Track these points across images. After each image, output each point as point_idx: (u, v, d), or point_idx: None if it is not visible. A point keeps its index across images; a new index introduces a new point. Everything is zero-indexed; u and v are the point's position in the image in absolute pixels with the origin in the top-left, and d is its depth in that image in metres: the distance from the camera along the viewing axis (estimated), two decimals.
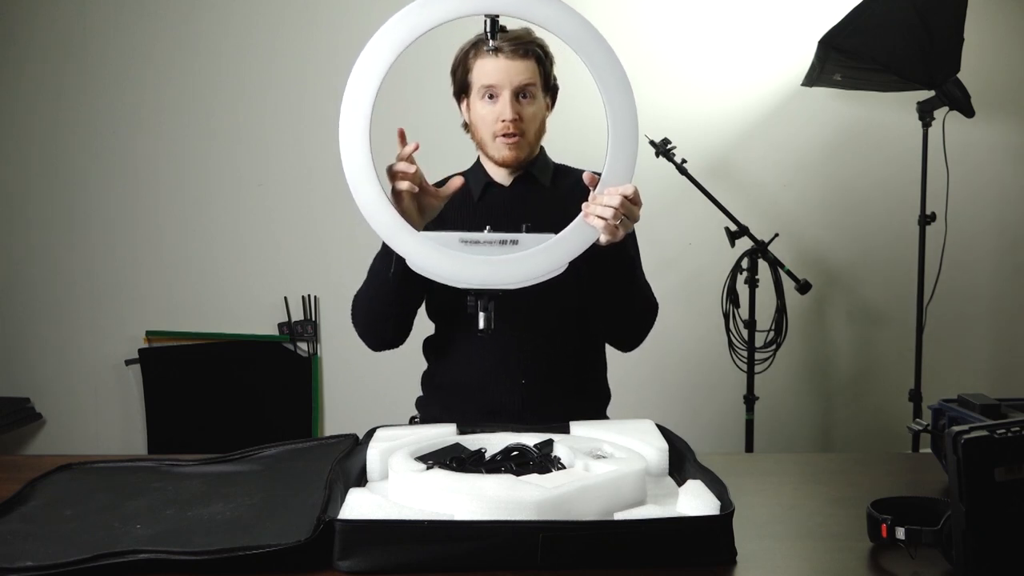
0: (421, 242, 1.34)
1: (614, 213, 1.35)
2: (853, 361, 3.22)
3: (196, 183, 3.19)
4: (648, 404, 3.04)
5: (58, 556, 1.02)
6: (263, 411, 3.20)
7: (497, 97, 1.63)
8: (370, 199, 1.33)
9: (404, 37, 1.31)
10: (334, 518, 1.03)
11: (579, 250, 1.37)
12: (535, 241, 1.35)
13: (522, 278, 1.35)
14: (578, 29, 1.33)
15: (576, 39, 1.33)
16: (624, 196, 1.34)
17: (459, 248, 1.34)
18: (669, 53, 3.13)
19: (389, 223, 1.34)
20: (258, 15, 3.15)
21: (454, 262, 1.33)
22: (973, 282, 3.19)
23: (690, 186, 2.76)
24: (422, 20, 1.31)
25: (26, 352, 3.25)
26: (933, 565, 1.04)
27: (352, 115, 1.32)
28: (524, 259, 1.34)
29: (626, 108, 1.34)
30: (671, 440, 1.36)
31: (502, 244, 1.34)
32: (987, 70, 3.04)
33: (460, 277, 1.34)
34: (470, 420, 1.46)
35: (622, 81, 1.34)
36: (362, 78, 1.32)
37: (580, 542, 1.02)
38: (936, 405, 1.41)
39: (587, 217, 1.37)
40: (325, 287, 3.17)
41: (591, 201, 1.36)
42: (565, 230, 1.37)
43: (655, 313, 1.71)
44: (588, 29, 1.33)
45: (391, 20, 1.31)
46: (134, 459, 1.45)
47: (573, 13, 1.33)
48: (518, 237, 1.35)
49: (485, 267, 1.34)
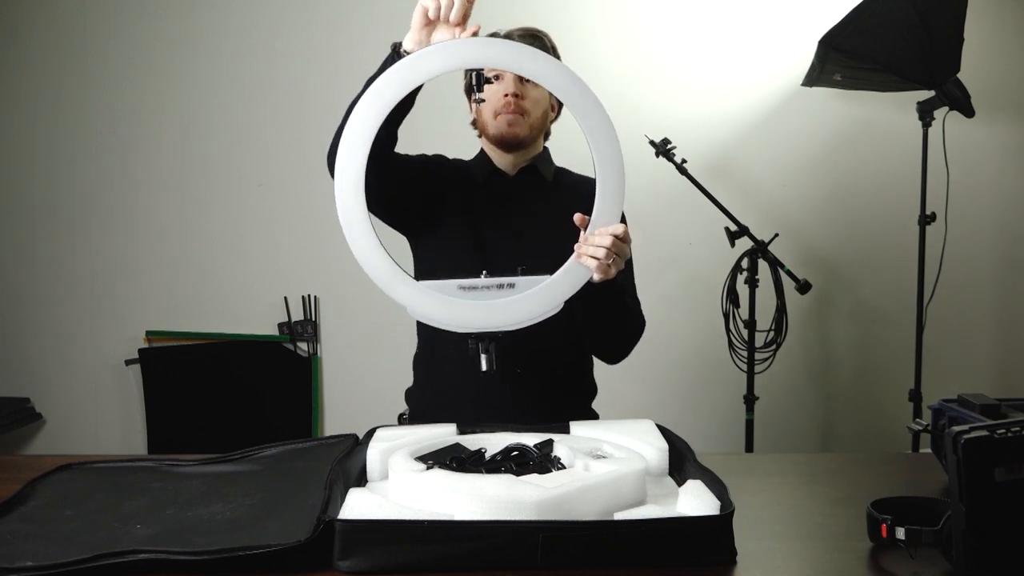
0: (420, 291, 1.37)
1: (606, 253, 1.38)
2: (853, 361, 3.22)
3: (196, 183, 3.19)
4: (648, 404, 3.04)
5: (58, 556, 1.02)
6: (263, 411, 3.20)
7: (502, 78, 1.67)
8: (366, 250, 1.35)
9: (396, 91, 1.34)
10: (334, 518, 1.03)
11: (573, 290, 1.41)
12: (530, 283, 1.39)
13: (519, 320, 1.39)
14: (567, 81, 1.37)
15: (565, 91, 1.37)
16: (615, 236, 1.38)
17: (457, 294, 1.37)
18: (669, 53, 3.13)
19: (387, 271, 1.36)
20: (258, 15, 3.15)
21: (453, 308, 1.37)
22: (973, 282, 3.19)
23: (690, 186, 2.76)
24: (411, 76, 1.33)
25: (26, 352, 3.25)
26: (933, 565, 1.04)
27: (347, 167, 1.34)
28: (520, 301, 1.38)
29: (614, 156, 1.38)
30: (671, 440, 1.36)
31: (499, 288, 1.38)
32: (987, 70, 3.04)
33: (459, 322, 1.38)
34: (464, 418, 1.46)
35: (609, 131, 1.38)
36: (356, 134, 1.34)
37: (580, 542, 1.02)
38: (936, 405, 1.41)
39: (580, 257, 1.40)
40: (325, 287, 3.17)
41: (583, 242, 1.40)
42: (559, 271, 1.40)
43: (642, 331, 1.74)
44: (576, 82, 1.37)
45: (383, 77, 1.34)
46: (134, 459, 1.45)
47: (561, 66, 1.37)
48: (514, 280, 1.38)
49: (483, 311, 1.38)
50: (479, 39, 1.37)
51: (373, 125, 1.33)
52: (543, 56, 1.36)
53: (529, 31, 1.71)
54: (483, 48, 1.36)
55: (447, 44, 1.34)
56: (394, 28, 3.41)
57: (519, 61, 1.35)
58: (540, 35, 1.72)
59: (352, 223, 1.34)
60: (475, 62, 1.37)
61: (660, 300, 3.07)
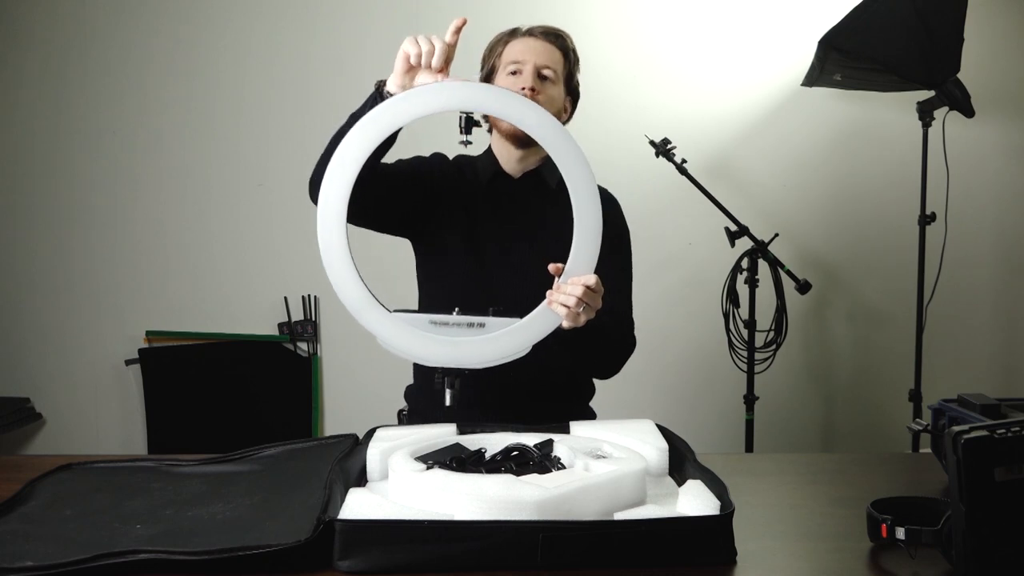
0: (391, 321, 1.39)
1: (576, 302, 1.40)
2: (853, 361, 3.22)
3: (196, 183, 3.19)
4: (648, 404, 3.04)
5: (58, 556, 1.02)
6: (263, 411, 3.20)
7: (520, 72, 1.69)
8: (341, 276, 1.40)
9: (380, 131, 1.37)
10: (334, 518, 1.03)
11: (543, 334, 1.43)
12: (501, 325, 1.41)
13: (487, 359, 1.41)
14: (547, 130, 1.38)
15: (547, 139, 1.38)
16: (586, 286, 1.40)
17: (427, 328, 1.40)
18: (669, 53, 3.13)
19: (360, 299, 1.39)
20: (258, 15, 3.15)
21: (422, 342, 1.40)
22: (973, 282, 3.19)
23: (690, 186, 2.76)
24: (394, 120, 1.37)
25: (26, 352, 3.25)
26: (933, 565, 1.04)
27: (329, 199, 1.38)
28: (489, 341, 1.40)
29: (592, 208, 1.39)
30: (671, 440, 1.36)
31: (469, 327, 1.40)
32: (987, 70, 3.04)
33: (427, 356, 1.40)
34: (462, 416, 1.47)
35: (589, 183, 1.39)
36: (339, 168, 1.37)
37: (580, 542, 1.02)
38: (936, 405, 1.41)
39: (551, 304, 1.42)
40: (325, 287, 3.12)
41: (555, 290, 1.42)
42: (529, 315, 1.42)
43: (630, 352, 1.76)
44: (558, 130, 1.38)
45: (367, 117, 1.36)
46: (134, 459, 1.45)
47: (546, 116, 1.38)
48: (485, 320, 1.40)
49: (451, 347, 1.40)
50: (464, 83, 1.38)
51: (356, 161, 1.37)
52: (529, 105, 1.38)
53: (552, 30, 1.73)
54: (469, 92, 1.38)
55: (432, 88, 1.37)
56: (394, 28, 3.42)
57: (504, 106, 1.39)
58: (562, 35, 1.74)
59: (331, 252, 1.40)
60: (460, 105, 1.40)
61: (660, 300, 3.07)
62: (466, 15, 1.45)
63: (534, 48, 1.69)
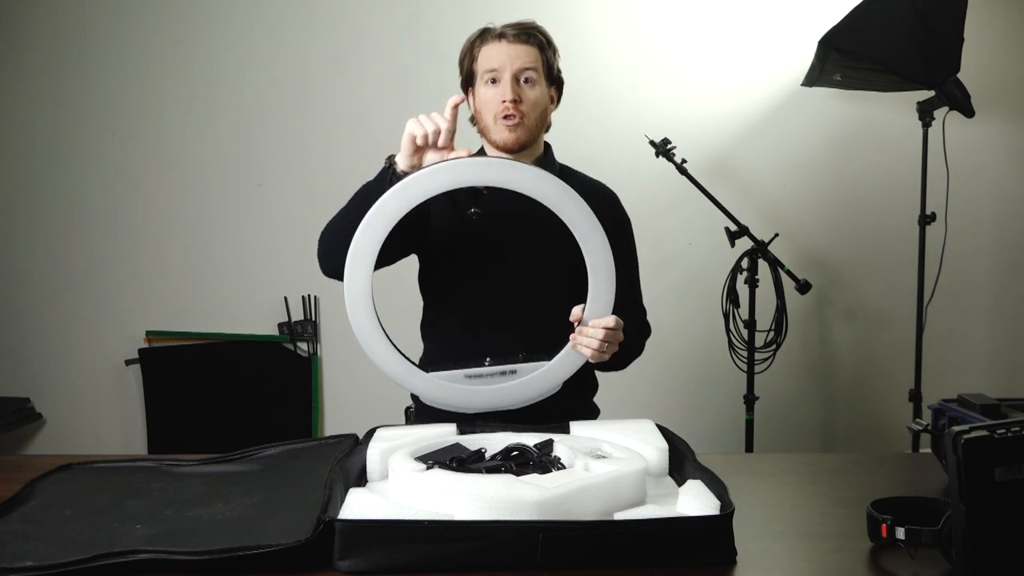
0: (431, 381, 1.52)
1: (599, 344, 1.51)
2: (853, 361, 3.22)
3: (196, 183, 3.19)
4: (648, 404, 3.04)
5: (58, 556, 1.02)
6: (263, 411, 3.20)
7: (499, 80, 1.67)
8: (381, 356, 1.49)
9: (397, 209, 1.43)
10: (334, 518, 1.03)
11: (570, 373, 1.55)
12: (531, 369, 1.53)
13: (522, 401, 1.54)
14: (561, 198, 1.45)
15: (556, 204, 1.45)
16: (607, 328, 1.51)
17: (463, 382, 1.51)
18: (669, 53, 3.13)
19: (402, 370, 1.51)
20: (258, 15, 3.15)
21: (461, 394, 1.52)
22: (973, 282, 3.19)
23: (690, 186, 2.75)
24: (411, 196, 1.43)
25: (26, 352, 3.25)
26: (933, 565, 1.04)
27: (354, 282, 1.44)
28: (522, 385, 1.53)
29: (606, 262, 1.48)
30: (671, 440, 1.36)
31: (502, 375, 1.52)
32: (987, 70, 3.04)
33: (468, 406, 1.53)
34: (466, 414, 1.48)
35: (599, 236, 1.46)
36: (360, 252, 1.43)
37: (580, 542, 1.02)
38: (936, 405, 1.41)
39: (575, 346, 1.52)
40: (325, 287, 3.16)
41: (578, 333, 1.52)
42: (557, 357, 1.53)
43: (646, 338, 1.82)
44: (565, 193, 1.45)
45: (384, 198, 1.42)
46: (134, 459, 1.45)
47: (553, 180, 1.45)
48: (516, 367, 1.52)
49: (488, 395, 1.52)
50: (474, 160, 1.46)
51: (377, 241, 1.43)
52: (539, 173, 1.45)
53: (524, 27, 1.70)
54: (480, 169, 1.46)
55: (445, 166, 1.43)
56: (394, 28, 3.42)
57: (511, 177, 1.44)
58: (534, 31, 1.70)
59: (365, 333, 1.47)
60: (472, 181, 1.46)
61: (660, 300, 3.05)
62: (465, 15, 1.46)
63: (509, 53, 1.66)
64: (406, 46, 3.10)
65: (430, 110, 1.54)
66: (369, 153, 3.14)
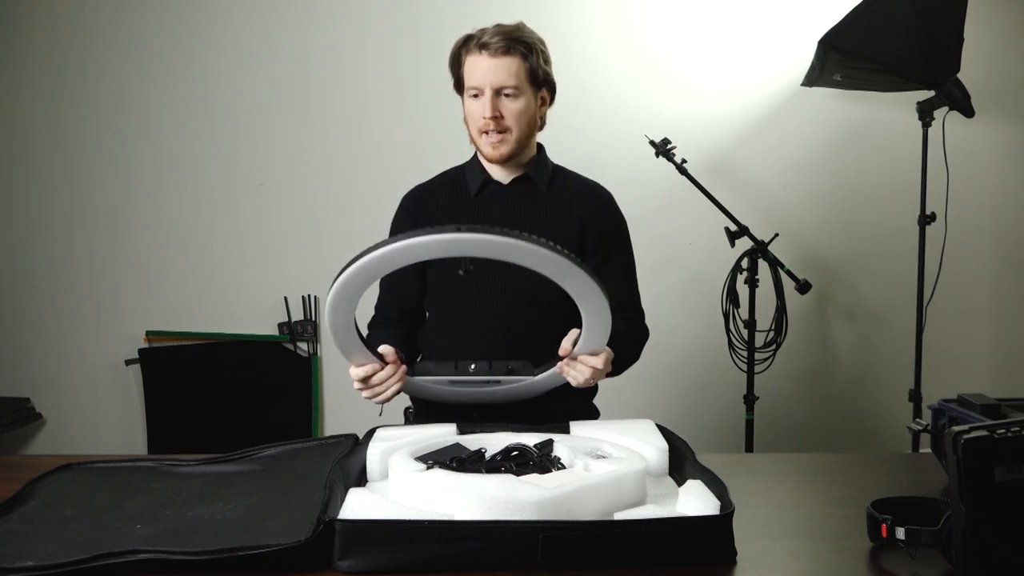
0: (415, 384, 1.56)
1: (586, 380, 1.52)
2: (853, 361, 3.22)
3: (196, 183, 3.19)
4: (648, 404, 3.04)
5: (58, 556, 1.02)
6: (263, 411, 3.20)
7: (480, 96, 1.67)
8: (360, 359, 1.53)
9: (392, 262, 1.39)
10: (334, 518, 1.03)
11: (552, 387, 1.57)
12: (514, 382, 1.54)
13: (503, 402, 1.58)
14: (546, 260, 1.32)
15: (539, 265, 1.33)
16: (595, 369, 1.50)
17: (447, 386, 1.56)
18: (669, 53, 3.13)
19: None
20: (258, 15, 3.15)
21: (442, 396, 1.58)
22: (973, 282, 3.18)
23: (690, 186, 2.75)
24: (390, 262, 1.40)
25: (26, 352, 3.25)
26: (933, 565, 1.04)
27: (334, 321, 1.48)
28: (503, 391, 1.56)
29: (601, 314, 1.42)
30: (671, 440, 1.36)
31: (485, 383, 1.54)
32: (987, 70, 3.03)
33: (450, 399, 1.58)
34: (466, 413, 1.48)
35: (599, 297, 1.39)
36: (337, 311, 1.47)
37: (580, 542, 1.02)
38: (936, 405, 1.41)
39: (562, 372, 1.53)
40: (325, 287, 3.13)
41: (567, 363, 1.52)
42: (540, 376, 1.54)
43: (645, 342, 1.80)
44: (547, 257, 1.31)
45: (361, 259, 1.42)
46: (134, 459, 1.46)
47: (533, 245, 1.30)
48: (499, 379, 1.54)
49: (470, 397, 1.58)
50: (455, 235, 1.29)
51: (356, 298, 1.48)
52: (514, 241, 1.28)
53: (507, 35, 1.65)
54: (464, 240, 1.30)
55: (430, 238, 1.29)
56: (394, 28, 3.42)
57: (498, 250, 1.30)
58: (517, 40, 1.65)
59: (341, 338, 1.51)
60: (459, 252, 1.34)
61: (660, 300, 3.06)
62: (465, 15, 1.46)
63: (489, 69, 1.64)
64: (406, 46, 3.10)
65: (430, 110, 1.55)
66: (369, 153, 3.17)
